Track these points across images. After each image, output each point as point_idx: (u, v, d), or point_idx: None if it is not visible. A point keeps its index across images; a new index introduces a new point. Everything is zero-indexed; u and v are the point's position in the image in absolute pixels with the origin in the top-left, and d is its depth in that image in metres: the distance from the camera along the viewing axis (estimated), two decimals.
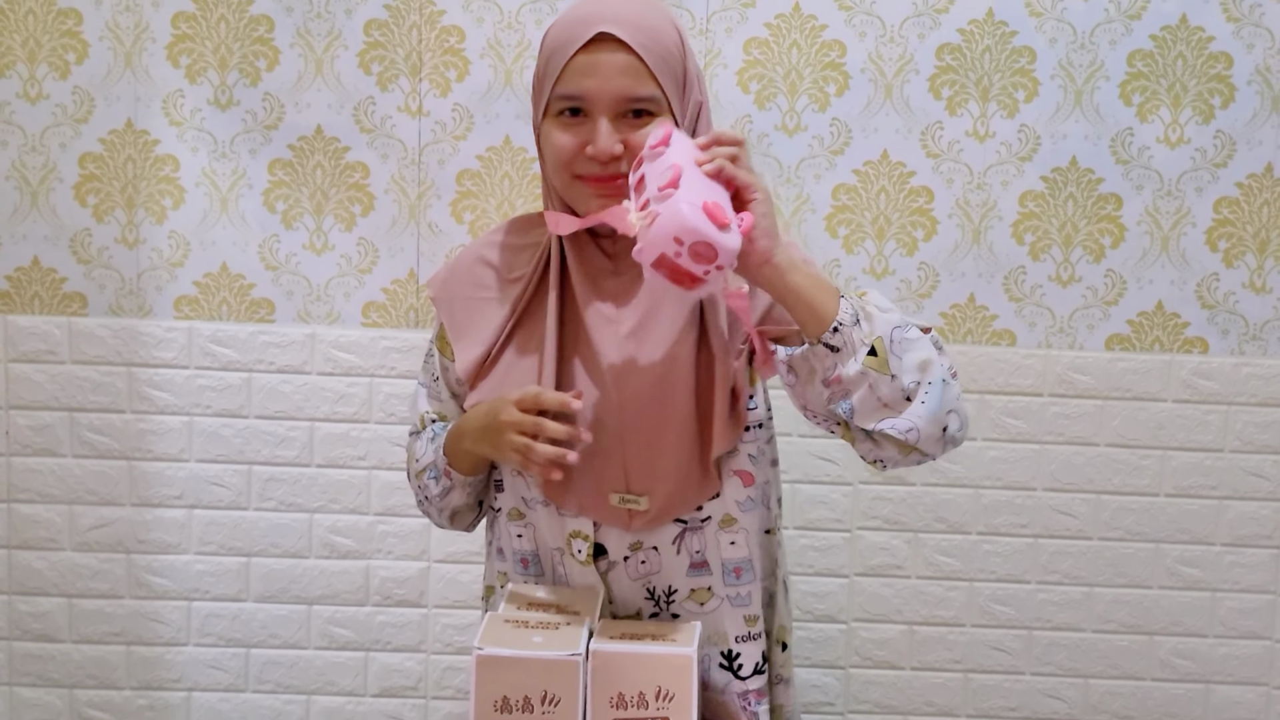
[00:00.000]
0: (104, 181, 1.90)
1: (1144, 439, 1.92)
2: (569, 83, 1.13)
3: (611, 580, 1.22)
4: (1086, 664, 1.96)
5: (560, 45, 1.13)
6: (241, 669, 1.98)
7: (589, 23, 1.12)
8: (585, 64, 1.12)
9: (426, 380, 1.32)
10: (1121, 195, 1.88)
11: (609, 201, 1.12)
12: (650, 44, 1.12)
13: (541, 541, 1.24)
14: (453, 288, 1.27)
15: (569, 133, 1.14)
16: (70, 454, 1.94)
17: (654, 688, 1.10)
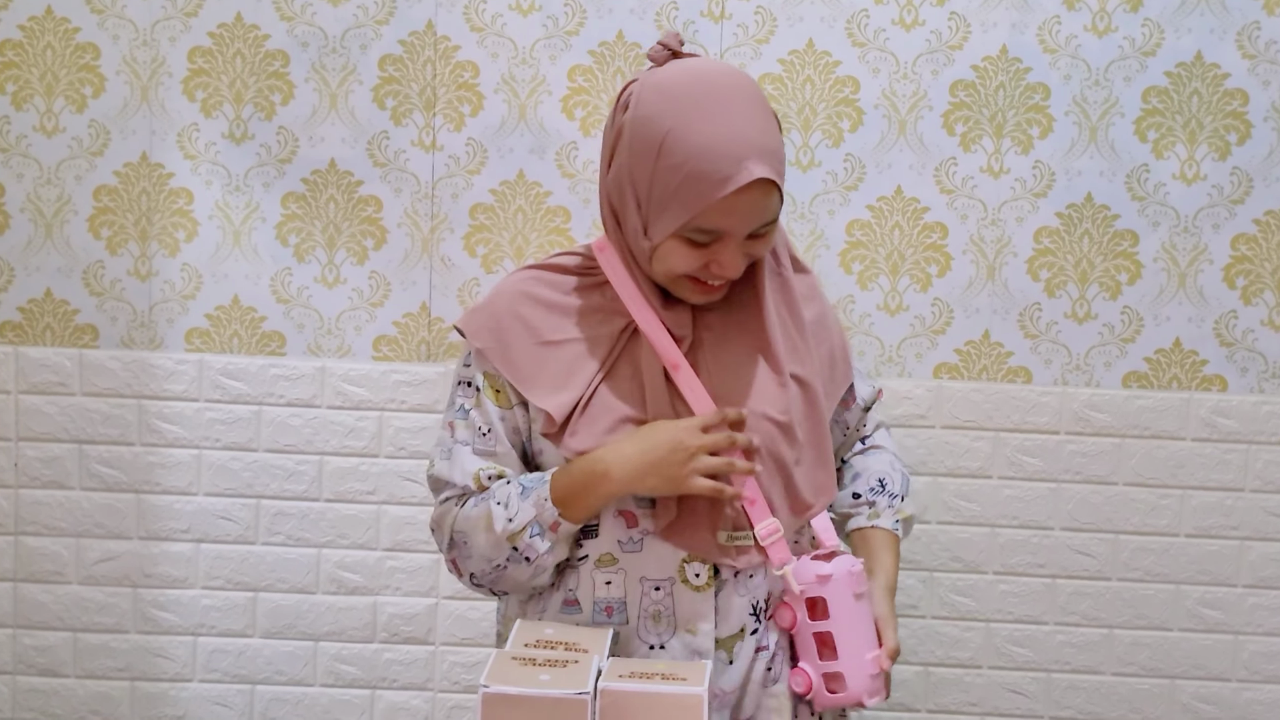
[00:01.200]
0: (118, 214, 1.91)
1: (1163, 478, 1.89)
2: (711, 219, 1.12)
3: (721, 600, 1.21)
4: (1106, 708, 1.92)
5: (705, 179, 1.10)
6: (247, 706, 1.95)
7: (740, 160, 1.09)
8: (734, 204, 1.11)
9: (469, 437, 1.23)
10: (1138, 232, 1.87)
11: (710, 297, 1.19)
12: (780, 168, 1.14)
13: (631, 586, 1.21)
14: (504, 333, 1.22)
15: (694, 253, 1.14)
16: (79, 486, 1.93)
17: None
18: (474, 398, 1.24)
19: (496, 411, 1.23)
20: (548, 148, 1.89)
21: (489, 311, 1.24)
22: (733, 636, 1.21)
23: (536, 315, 1.22)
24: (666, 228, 1.13)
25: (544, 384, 1.20)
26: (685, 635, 1.20)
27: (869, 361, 1.90)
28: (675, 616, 1.20)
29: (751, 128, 1.11)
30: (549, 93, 1.88)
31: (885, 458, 1.39)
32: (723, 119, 1.11)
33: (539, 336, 1.21)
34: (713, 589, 1.20)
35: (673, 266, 1.16)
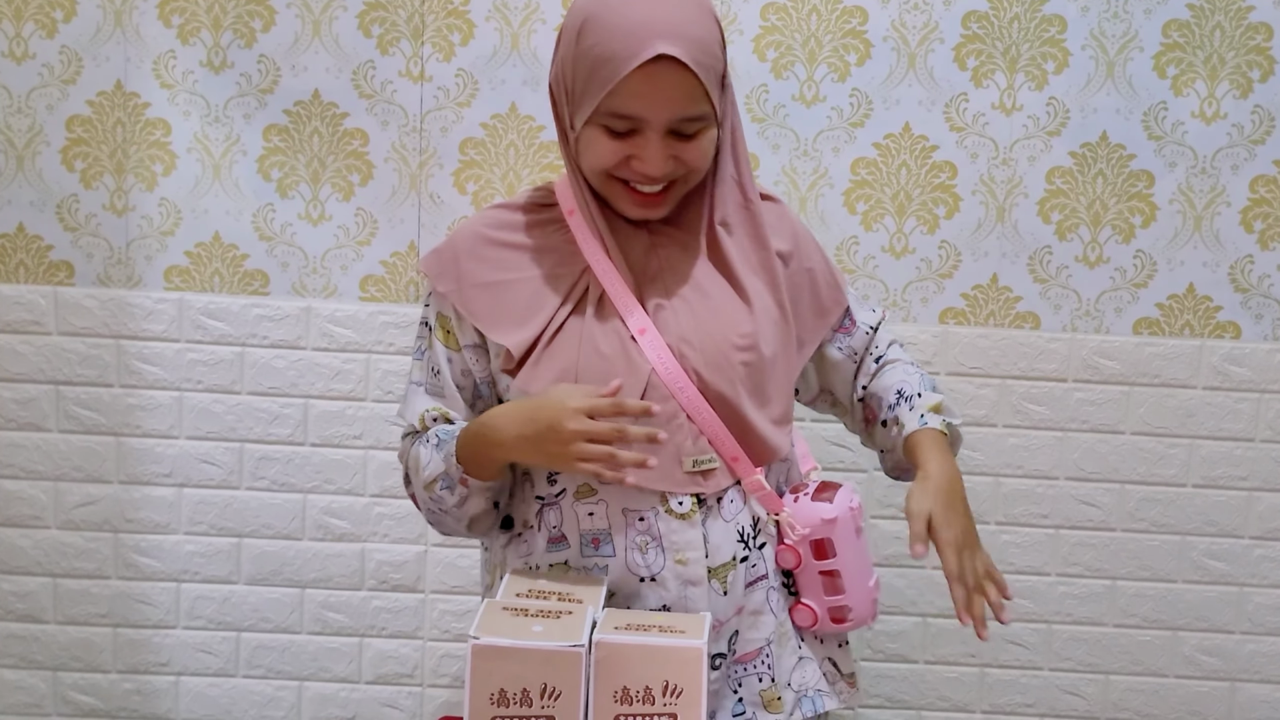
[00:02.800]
0: (92, 146, 1.82)
1: (1172, 427, 1.84)
2: (621, 102, 1.10)
3: (709, 529, 1.20)
4: (1107, 660, 1.89)
5: (612, 58, 1.09)
6: (232, 653, 1.91)
7: (646, 39, 1.07)
8: (641, 85, 1.09)
9: (423, 377, 1.26)
10: (1153, 173, 1.80)
11: (646, 210, 1.17)
12: (704, 59, 1.10)
13: (615, 516, 1.19)
14: (463, 274, 1.21)
15: (615, 142, 1.13)
16: (56, 429, 1.87)
17: (661, 682, 1.03)
18: (427, 339, 1.26)
19: (444, 353, 1.24)
20: (542, 79, 1.80)
21: (449, 252, 1.24)
22: (724, 565, 1.20)
23: (494, 253, 1.22)
24: (584, 113, 1.12)
25: (504, 321, 1.20)
26: (676, 566, 1.18)
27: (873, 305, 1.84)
28: (663, 547, 1.18)
29: (671, 13, 1.09)
30: (543, 21, 1.79)
31: (898, 370, 1.33)
32: (641, 4, 1.10)
33: (497, 275, 1.21)
34: (699, 516, 1.19)
35: (595, 159, 1.15)
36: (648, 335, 1.17)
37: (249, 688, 1.92)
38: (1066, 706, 1.90)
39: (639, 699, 1.03)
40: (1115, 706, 1.90)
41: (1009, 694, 1.90)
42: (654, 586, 1.18)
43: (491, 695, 1.02)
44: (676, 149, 1.13)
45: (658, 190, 1.16)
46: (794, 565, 1.23)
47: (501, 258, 1.21)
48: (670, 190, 1.17)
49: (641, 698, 1.03)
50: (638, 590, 1.19)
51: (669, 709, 1.03)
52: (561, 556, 1.21)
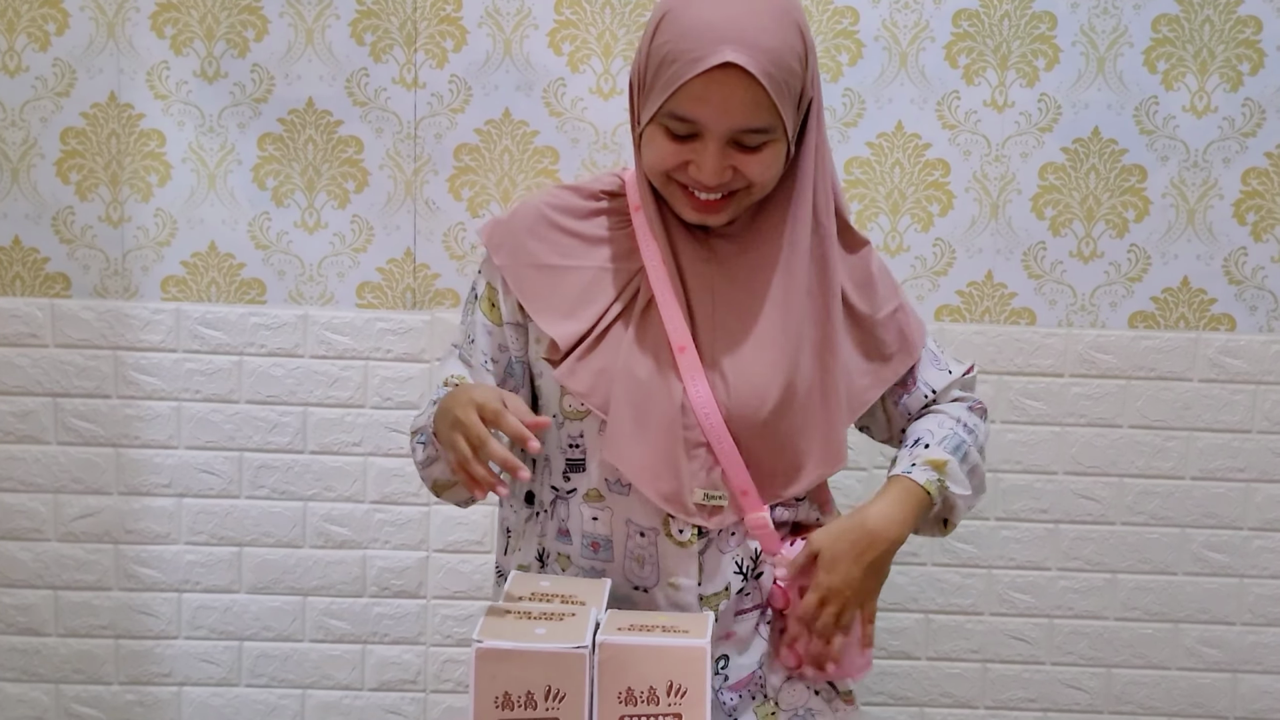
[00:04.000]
0: (87, 158, 1.82)
1: (1169, 420, 1.85)
2: (683, 104, 1.07)
3: (706, 558, 1.19)
4: (1109, 653, 1.90)
5: (679, 58, 1.05)
6: (234, 663, 1.91)
7: (715, 43, 1.04)
8: (705, 90, 1.05)
9: (460, 340, 1.25)
10: (1146, 167, 1.81)
11: (703, 215, 1.13)
12: (775, 71, 1.05)
13: (618, 526, 1.19)
14: (521, 250, 1.19)
15: (675, 145, 1.09)
16: (54, 441, 1.87)
17: (665, 682, 1.03)
18: (472, 305, 1.24)
19: (484, 324, 1.22)
20: (534, 84, 1.81)
21: (509, 226, 1.21)
22: (717, 594, 1.20)
23: (555, 236, 1.19)
24: (650, 110, 1.10)
25: (553, 309, 1.17)
26: (667, 588, 1.19)
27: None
28: (658, 567, 1.18)
29: (747, 19, 1.05)
30: (535, 26, 1.80)
31: (934, 418, 1.24)
32: (719, 5, 1.06)
33: (553, 259, 1.18)
34: (696, 547, 1.18)
35: (654, 158, 1.12)
36: (686, 355, 1.14)
37: (252, 697, 1.92)
38: (1069, 700, 1.91)
39: (643, 699, 1.03)
40: (1118, 700, 1.90)
41: (1011, 689, 1.90)
42: (645, 598, 1.20)
43: (496, 698, 1.02)
44: (736, 160, 1.09)
45: (716, 198, 1.12)
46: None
47: (561, 242, 1.19)
48: (730, 200, 1.13)
49: (646, 698, 1.03)
50: (630, 595, 1.20)
51: (673, 709, 1.03)
52: (566, 549, 1.23)
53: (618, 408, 1.14)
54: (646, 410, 1.14)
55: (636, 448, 1.14)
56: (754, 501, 1.17)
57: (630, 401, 1.14)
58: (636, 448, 1.14)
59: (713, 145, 1.08)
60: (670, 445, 1.14)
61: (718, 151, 1.08)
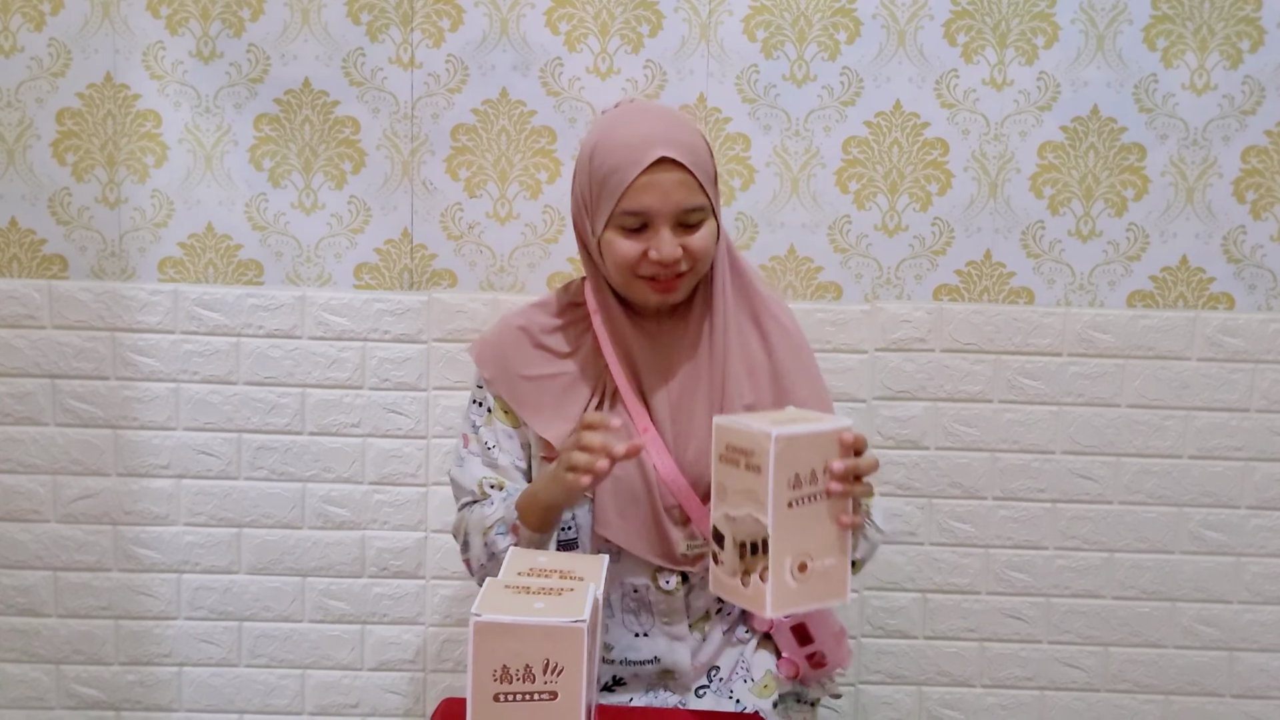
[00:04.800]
0: (83, 139, 1.82)
1: (1167, 399, 1.85)
2: (633, 200, 1.28)
3: (691, 600, 1.41)
4: (1106, 632, 1.90)
5: (620, 165, 1.28)
6: (234, 643, 1.92)
7: (647, 147, 1.27)
8: (649, 183, 1.27)
9: (478, 450, 1.42)
10: (1145, 145, 1.81)
11: (664, 295, 1.33)
12: (697, 161, 1.30)
13: (613, 588, 1.40)
14: (508, 366, 1.41)
15: (633, 240, 1.30)
16: (53, 422, 1.87)
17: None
18: (485, 417, 1.43)
19: (504, 430, 1.42)
20: (531, 64, 1.80)
21: (494, 346, 1.43)
22: (701, 619, 1.43)
23: (532, 353, 1.41)
24: (602, 218, 1.30)
25: (543, 412, 1.38)
26: (663, 625, 1.41)
27: (867, 284, 1.85)
28: (653, 613, 1.40)
29: (663, 127, 1.29)
30: (531, 5, 1.79)
31: None
32: (638, 122, 1.30)
33: (535, 370, 1.40)
34: (681, 592, 1.39)
35: (619, 257, 1.31)
36: (649, 434, 1.35)
37: (252, 677, 1.92)
38: (1066, 679, 1.91)
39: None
40: (1115, 678, 1.91)
41: (1009, 667, 1.91)
42: (645, 639, 1.41)
43: (494, 672, 1.02)
44: (683, 238, 1.29)
45: (673, 276, 1.31)
46: (768, 628, 1.44)
47: (538, 355, 1.40)
48: (683, 278, 1.33)
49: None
50: (632, 642, 1.41)
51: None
52: None
53: (603, 491, 1.35)
54: (630, 490, 1.35)
55: (626, 521, 1.35)
56: None
57: (614, 485, 1.34)
58: (626, 521, 1.35)
59: (664, 228, 1.28)
60: (654, 514, 1.35)
61: (669, 231, 1.29)
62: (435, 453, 1.88)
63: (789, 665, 1.46)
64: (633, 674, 1.43)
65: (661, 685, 1.43)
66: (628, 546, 1.36)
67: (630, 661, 1.42)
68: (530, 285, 1.85)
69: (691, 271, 1.34)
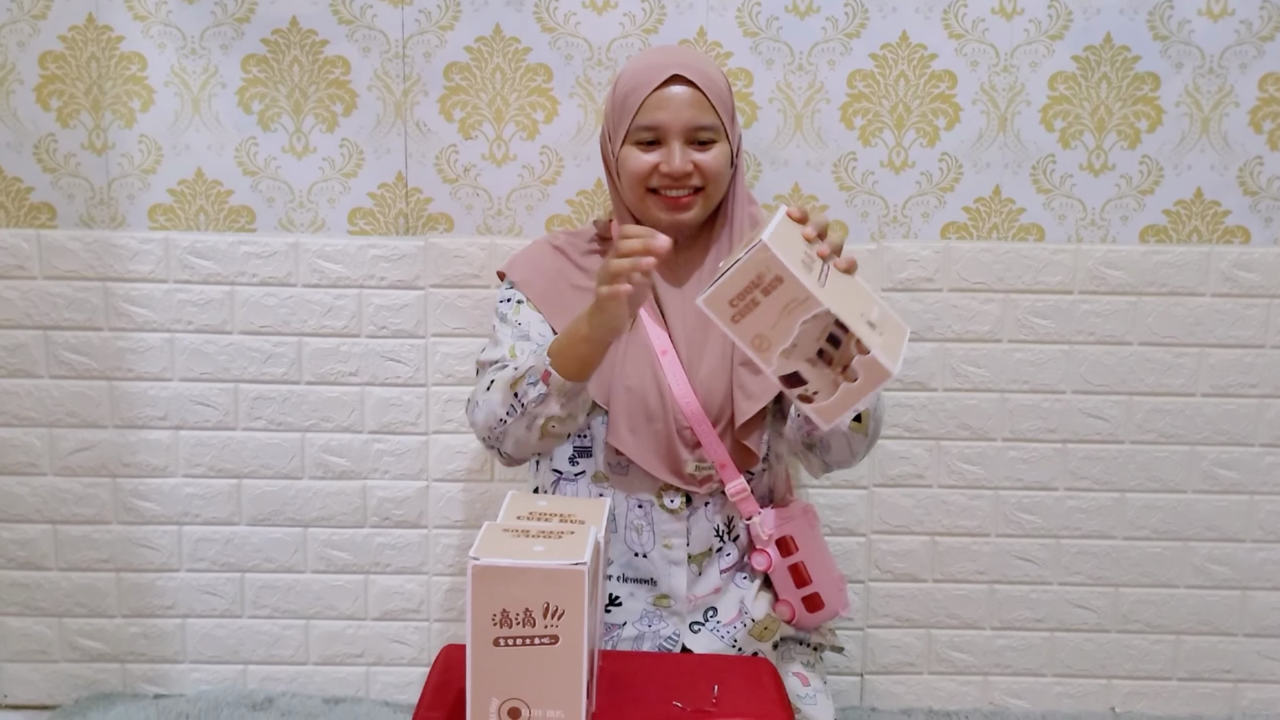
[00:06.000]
0: (67, 83, 1.77)
1: (1180, 336, 1.81)
2: (646, 115, 1.38)
3: (692, 523, 1.45)
4: (1117, 572, 1.88)
5: (638, 85, 1.39)
6: (237, 594, 1.90)
7: (663, 67, 1.39)
8: (660, 99, 1.38)
9: (509, 331, 1.46)
10: (1159, 74, 1.75)
11: (676, 216, 1.40)
12: (710, 84, 1.40)
13: (619, 500, 1.45)
14: (539, 277, 1.48)
15: (645, 155, 1.39)
16: (47, 374, 1.84)
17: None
18: (515, 307, 1.48)
19: (537, 317, 1.47)
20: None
21: (527, 257, 1.52)
22: (702, 554, 1.46)
23: (565, 265, 1.49)
24: (620, 136, 1.41)
25: (566, 318, 1.39)
26: (663, 549, 1.45)
27: (873, 222, 1.80)
28: (654, 532, 1.44)
29: (682, 55, 1.41)
30: None
31: None
32: (658, 54, 1.43)
33: (563, 279, 1.47)
34: (684, 514, 1.44)
35: (632, 169, 1.40)
36: (668, 357, 1.41)
37: (256, 627, 1.91)
38: (1076, 620, 1.89)
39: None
40: (1125, 619, 1.89)
41: (1018, 609, 1.89)
42: (644, 561, 1.45)
43: (494, 616, 1.00)
44: (694, 156, 1.38)
45: (684, 194, 1.39)
46: (766, 567, 1.46)
47: (568, 269, 1.48)
48: (694, 198, 1.40)
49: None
50: (631, 560, 1.46)
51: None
52: None
53: (617, 405, 1.40)
54: (644, 406, 1.40)
55: (638, 436, 1.40)
56: (731, 472, 1.43)
57: (629, 399, 1.40)
58: (638, 436, 1.40)
59: (675, 142, 1.38)
60: (667, 432, 1.40)
61: (680, 147, 1.38)
62: (435, 401, 1.85)
63: (786, 608, 1.46)
64: (629, 593, 1.46)
65: (656, 612, 1.45)
66: (638, 460, 1.41)
67: (627, 579, 1.46)
68: (528, 228, 1.81)
69: (703, 193, 1.41)
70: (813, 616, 1.47)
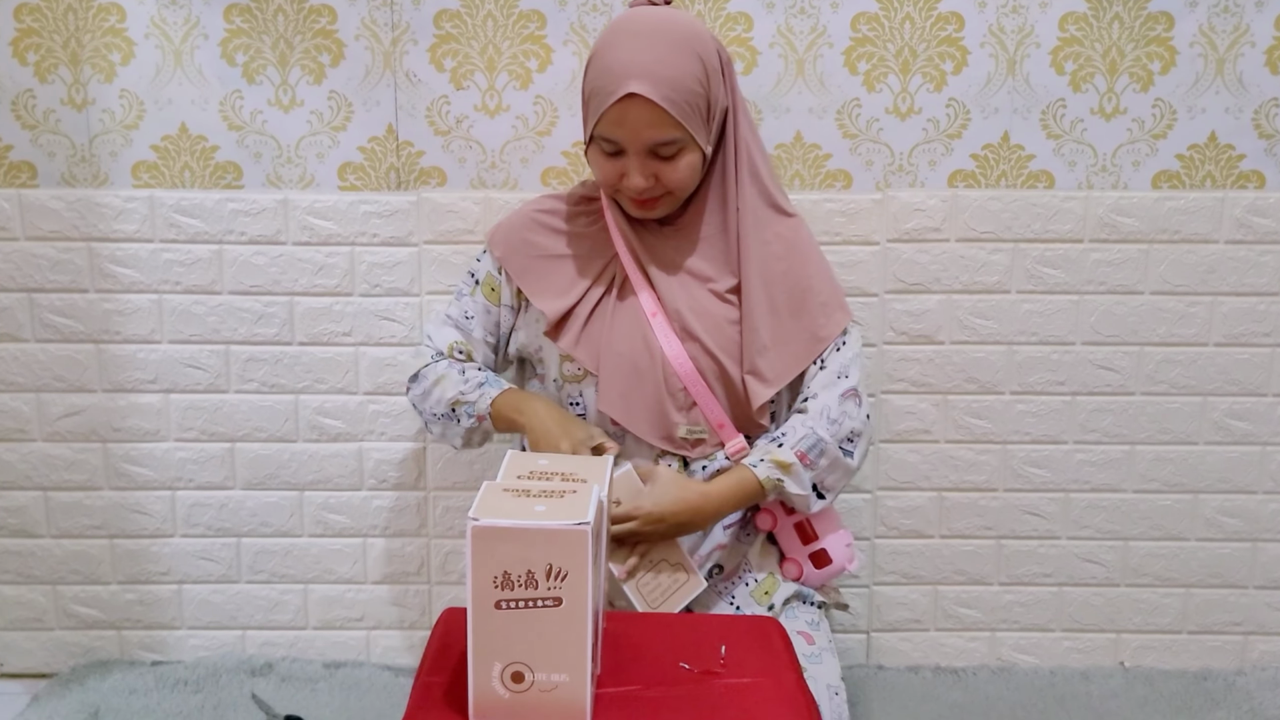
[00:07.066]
0: (44, 36, 1.71)
1: (1193, 284, 1.77)
2: (605, 129, 1.32)
3: None
4: (1126, 526, 1.85)
5: (599, 89, 1.31)
6: (233, 559, 1.87)
7: (621, 78, 1.28)
8: (618, 115, 1.29)
9: (456, 315, 1.48)
10: (1172, 13, 1.69)
11: (643, 211, 1.38)
12: (673, 94, 1.28)
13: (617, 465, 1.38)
14: (517, 246, 1.45)
15: (609, 162, 1.35)
16: (33, 338, 1.79)
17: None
18: (471, 288, 1.49)
19: (483, 304, 1.48)
20: None
21: (508, 227, 1.48)
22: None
23: (544, 235, 1.45)
24: (587, 132, 1.35)
25: (545, 290, 1.42)
26: None
27: (878, 171, 1.75)
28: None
29: (646, 56, 1.28)
30: None
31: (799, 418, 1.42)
32: (625, 47, 1.29)
33: (545, 251, 1.44)
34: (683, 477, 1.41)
35: (598, 173, 1.37)
36: (658, 319, 1.38)
37: (253, 593, 1.89)
38: (1085, 574, 1.87)
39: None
40: (1135, 572, 1.87)
41: (1026, 564, 1.87)
42: None
43: (495, 579, 0.97)
44: (656, 168, 1.32)
45: (649, 198, 1.36)
46: (771, 526, 1.44)
47: (550, 239, 1.44)
48: (660, 200, 1.37)
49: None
50: None
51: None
52: None
53: (609, 369, 1.38)
54: (634, 368, 1.38)
55: (628, 400, 1.38)
56: (730, 431, 1.41)
57: (619, 363, 1.38)
58: (628, 400, 1.38)
59: (634, 159, 1.32)
60: (656, 394, 1.38)
61: (639, 163, 1.32)
62: None
63: (794, 565, 1.44)
64: None
65: None
66: (628, 425, 1.39)
67: None
68: (524, 182, 1.76)
69: (669, 195, 1.37)
70: (820, 573, 1.45)
